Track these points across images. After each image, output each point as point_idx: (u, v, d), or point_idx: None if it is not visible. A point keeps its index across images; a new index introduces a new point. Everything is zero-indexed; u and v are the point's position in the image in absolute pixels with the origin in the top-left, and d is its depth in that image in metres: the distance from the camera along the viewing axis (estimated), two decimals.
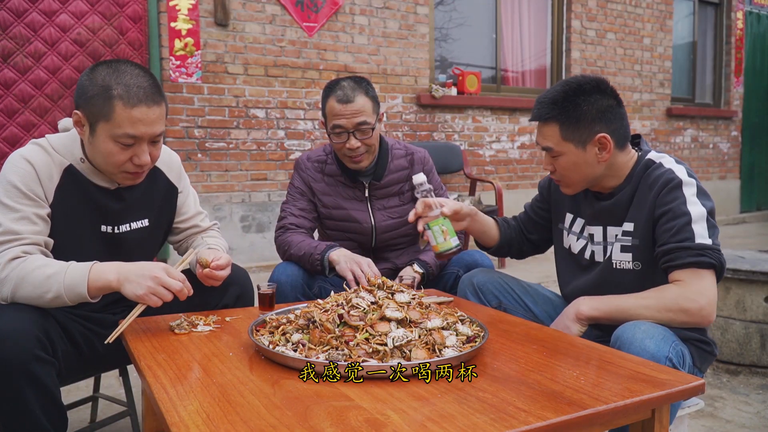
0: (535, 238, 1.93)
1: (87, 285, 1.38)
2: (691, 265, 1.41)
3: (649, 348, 1.29)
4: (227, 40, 4.28)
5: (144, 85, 1.45)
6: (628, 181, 1.57)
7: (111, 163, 1.48)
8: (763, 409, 2.23)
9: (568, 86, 1.54)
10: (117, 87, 1.42)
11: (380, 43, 4.94)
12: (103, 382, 2.27)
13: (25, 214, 1.43)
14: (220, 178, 4.32)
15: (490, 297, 1.80)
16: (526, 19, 5.98)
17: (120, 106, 1.42)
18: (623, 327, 1.38)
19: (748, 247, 5.37)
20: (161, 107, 1.49)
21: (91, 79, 1.44)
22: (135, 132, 1.44)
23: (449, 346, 1.23)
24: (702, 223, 1.44)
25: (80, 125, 1.48)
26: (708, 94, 7.61)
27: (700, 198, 1.47)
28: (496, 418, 0.96)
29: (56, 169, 1.50)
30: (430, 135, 5.25)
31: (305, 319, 1.31)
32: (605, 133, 1.51)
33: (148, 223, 1.68)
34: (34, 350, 1.27)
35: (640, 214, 1.54)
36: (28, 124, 3.70)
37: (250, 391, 1.08)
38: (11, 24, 3.61)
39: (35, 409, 1.29)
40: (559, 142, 1.55)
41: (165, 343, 1.36)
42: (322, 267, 1.94)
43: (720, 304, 2.65)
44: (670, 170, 1.51)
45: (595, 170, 1.56)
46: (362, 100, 1.97)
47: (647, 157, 1.57)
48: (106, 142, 1.45)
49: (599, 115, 1.51)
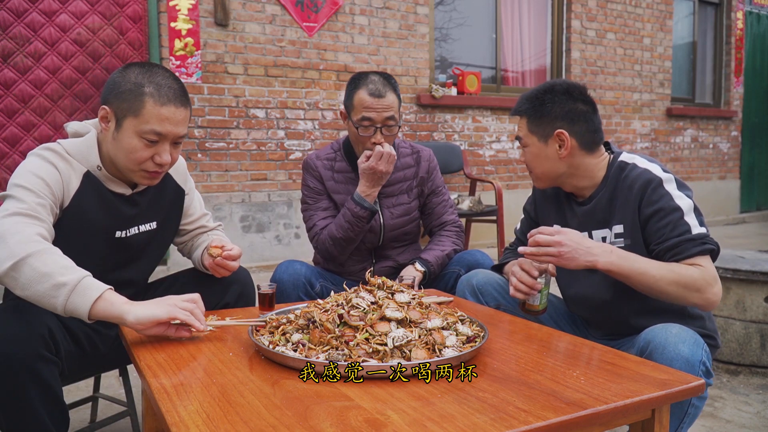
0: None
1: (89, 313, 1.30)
2: (699, 254, 1.49)
3: (683, 353, 1.30)
4: (227, 40, 4.28)
5: (174, 86, 1.50)
6: (604, 184, 1.65)
7: (132, 159, 1.49)
8: (763, 409, 2.23)
9: (542, 86, 1.68)
10: (149, 85, 1.47)
11: (380, 43, 4.94)
12: (103, 382, 2.27)
13: (46, 203, 1.42)
14: (220, 178, 4.32)
15: (489, 298, 1.79)
16: (526, 19, 5.98)
17: (150, 103, 1.46)
18: (652, 330, 1.37)
19: (748, 247, 5.38)
20: (187, 110, 1.54)
21: (124, 76, 1.49)
22: (161, 129, 1.47)
23: (449, 346, 1.23)
24: (692, 214, 1.52)
25: (106, 121, 1.50)
26: (708, 94, 7.60)
27: (682, 191, 1.55)
28: (496, 418, 0.96)
29: (75, 175, 1.51)
30: (430, 135, 5.26)
31: (305, 319, 1.31)
32: (565, 131, 1.62)
33: (155, 226, 1.68)
34: (38, 349, 1.27)
35: (626, 215, 1.59)
36: (28, 124, 3.70)
37: (250, 391, 1.08)
38: (11, 24, 3.61)
39: (38, 408, 1.29)
40: (526, 133, 1.69)
41: (165, 343, 1.36)
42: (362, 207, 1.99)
43: (720, 304, 2.65)
44: (646, 170, 1.58)
45: (557, 166, 1.65)
46: (392, 97, 2.01)
47: (619, 159, 1.65)
48: (131, 137, 1.47)
49: (563, 114, 1.62)
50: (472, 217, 4.59)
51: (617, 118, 6.39)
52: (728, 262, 2.66)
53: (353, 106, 2.02)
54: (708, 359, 1.35)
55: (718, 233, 6.23)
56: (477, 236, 5.35)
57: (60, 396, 1.35)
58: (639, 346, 1.38)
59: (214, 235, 1.84)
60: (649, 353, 1.33)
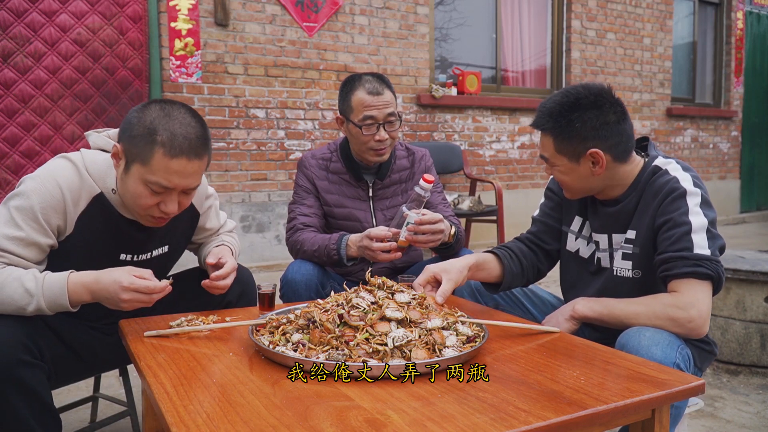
0: (554, 248, 1.78)
1: (68, 298, 1.36)
2: (687, 275, 1.39)
3: (656, 355, 1.28)
4: (227, 40, 4.28)
5: (191, 136, 1.40)
6: (634, 188, 1.55)
7: (137, 204, 1.44)
8: (763, 409, 2.23)
9: (566, 98, 1.51)
10: (163, 133, 1.37)
11: (380, 43, 4.94)
12: (103, 382, 2.27)
13: (24, 236, 1.38)
14: (220, 178, 4.32)
15: (487, 299, 1.79)
16: (526, 19, 5.98)
17: (160, 154, 1.37)
18: (627, 334, 1.36)
19: (748, 247, 5.37)
20: (202, 161, 1.44)
21: (140, 118, 1.40)
22: (168, 183, 1.40)
23: (449, 346, 1.23)
24: (702, 234, 1.42)
25: (117, 158, 1.44)
26: (708, 94, 7.60)
27: (703, 208, 1.45)
28: (496, 418, 0.96)
29: (85, 196, 1.46)
30: (430, 135, 5.26)
31: (305, 319, 1.30)
32: (598, 149, 1.49)
33: (167, 249, 1.67)
34: (18, 355, 1.26)
35: (642, 222, 1.53)
36: (28, 124, 3.70)
37: (250, 391, 1.08)
38: (11, 24, 3.61)
39: (24, 414, 1.28)
40: (553, 154, 1.55)
41: (165, 343, 1.36)
42: (339, 257, 1.94)
43: (720, 304, 2.65)
44: (676, 178, 1.49)
45: (591, 183, 1.55)
46: (389, 94, 2.03)
47: (654, 163, 1.55)
48: (137, 183, 1.41)
49: (593, 132, 1.48)
50: (472, 217, 4.59)
51: None
52: (728, 262, 2.66)
53: (352, 108, 2.02)
54: (684, 361, 1.32)
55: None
56: (477, 236, 5.35)
57: (47, 400, 1.34)
58: (616, 348, 1.36)
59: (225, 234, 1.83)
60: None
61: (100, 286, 1.37)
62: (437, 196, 2.21)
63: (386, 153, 2.07)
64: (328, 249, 1.95)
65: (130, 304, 1.37)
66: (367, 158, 2.07)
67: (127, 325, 1.50)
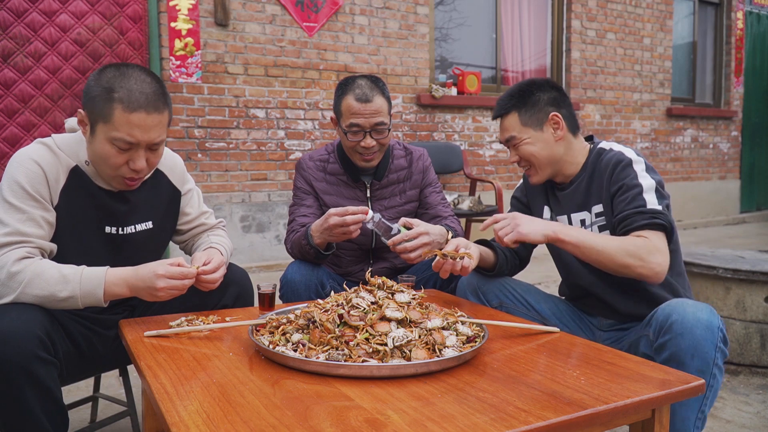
0: (522, 251, 1.93)
1: (103, 291, 1.41)
2: (645, 227, 1.57)
3: (703, 319, 1.37)
4: (227, 40, 4.28)
5: (147, 91, 1.45)
6: (584, 170, 1.77)
7: (107, 165, 1.48)
8: (763, 409, 2.23)
9: (522, 83, 1.79)
10: (119, 90, 1.42)
11: (380, 43, 4.94)
12: (103, 382, 2.27)
13: (32, 216, 1.43)
14: (220, 178, 4.32)
15: (491, 296, 1.80)
16: (526, 19, 5.98)
17: (119, 110, 1.42)
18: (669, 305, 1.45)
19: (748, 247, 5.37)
20: (162, 115, 1.49)
21: (97, 80, 1.45)
22: (130, 138, 1.44)
23: (449, 346, 1.23)
24: (652, 193, 1.61)
25: (83, 124, 1.49)
26: (708, 94, 7.60)
27: (649, 173, 1.65)
28: (496, 418, 0.96)
29: (62, 170, 1.51)
30: (430, 135, 5.26)
31: (305, 319, 1.31)
32: (557, 112, 1.74)
33: (152, 225, 1.68)
34: (35, 350, 1.27)
35: (601, 196, 1.70)
36: (28, 124, 3.70)
37: (250, 391, 1.08)
38: (11, 24, 3.61)
39: (36, 409, 1.29)
40: (519, 129, 1.76)
41: (165, 343, 1.36)
42: (314, 249, 1.91)
43: (720, 304, 2.65)
44: (621, 152, 1.70)
45: (556, 149, 1.75)
46: (380, 101, 1.98)
47: (599, 146, 1.78)
48: (103, 143, 1.45)
49: (551, 101, 1.75)
50: (472, 217, 4.59)
51: (617, 118, 6.39)
52: (728, 262, 2.66)
53: (341, 113, 2.01)
54: (724, 328, 1.41)
55: (718, 233, 6.24)
56: (477, 236, 5.34)
57: (59, 397, 1.34)
58: (658, 321, 1.43)
59: (214, 236, 1.83)
60: (669, 325, 1.39)
61: (138, 277, 1.43)
62: (436, 196, 2.21)
63: (374, 159, 2.05)
64: (301, 245, 1.95)
65: (166, 292, 1.43)
66: (355, 162, 2.07)
67: (127, 325, 1.50)
